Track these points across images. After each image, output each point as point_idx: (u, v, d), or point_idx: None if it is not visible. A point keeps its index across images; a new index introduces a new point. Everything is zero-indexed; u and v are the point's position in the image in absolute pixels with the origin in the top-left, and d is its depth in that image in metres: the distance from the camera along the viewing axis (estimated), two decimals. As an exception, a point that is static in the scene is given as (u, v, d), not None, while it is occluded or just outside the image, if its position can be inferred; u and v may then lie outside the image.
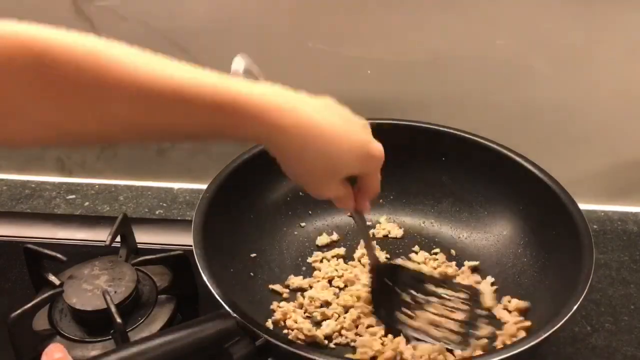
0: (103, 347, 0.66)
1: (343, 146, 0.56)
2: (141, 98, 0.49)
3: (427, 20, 0.84)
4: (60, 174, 1.01)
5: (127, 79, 0.49)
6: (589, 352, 0.73)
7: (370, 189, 0.63)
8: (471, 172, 0.81)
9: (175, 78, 0.50)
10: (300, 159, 0.56)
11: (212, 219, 0.71)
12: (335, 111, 0.58)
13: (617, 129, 0.88)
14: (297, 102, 0.54)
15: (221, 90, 0.51)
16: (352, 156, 0.57)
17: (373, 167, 0.60)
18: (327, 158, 0.56)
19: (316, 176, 0.58)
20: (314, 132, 0.54)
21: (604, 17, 0.81)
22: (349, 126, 0.57)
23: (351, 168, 0.58)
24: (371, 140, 0.59)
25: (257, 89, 0.53)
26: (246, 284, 0.74)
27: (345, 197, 0.62)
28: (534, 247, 0.75)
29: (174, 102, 0.50)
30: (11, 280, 0.80)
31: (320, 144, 0.54)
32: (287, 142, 0.54)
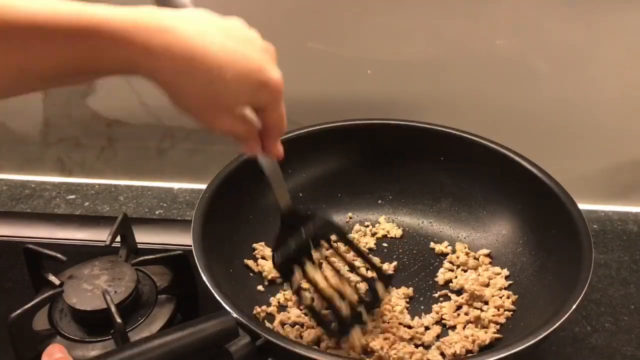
0: (103, 347, 0.66)
1: (229, 71, 0.49)
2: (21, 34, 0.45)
3: (427, 20, 0.84)
4: (60, 174, 1.01)
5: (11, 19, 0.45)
6: (589, 352, 0.73)
7: (272, 125, 0.55)
8: (470, 172, 0.81)
9: (31, 8, 0.45)
10: (176, 88, 0.49)
11: (212, 219, 0.71)
12: (231, 32, 0.51)
13: (617, 129, 0.88)
14: (175, 21, 0.48)
15: (80, 14, 0.46)
16: (241, 84, 0.50)
17: (270, 98, 0.53)
18: (209, 86, 0.49)
19: (201, 107, 0.51)
20: (190, 56, 0.47)
21: (604, 17, 0.81)
22: (241, 49, 0.50)
23: (241, 98, 0.51)
24: (267, 66, 0.52)
25: (123, 10, 0.47)
26: (246, 284, 0.74)
27: (246, 136, 0.55)
28: (533, 246, 0.75)
29: (31, 34, 0.46)
30: (11, 280, 0.80)
31: (199, 70, 0.48)
32: (159, 68, 0.48)
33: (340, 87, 0.90)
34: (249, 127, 0.54)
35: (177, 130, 0.95)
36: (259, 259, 0.77)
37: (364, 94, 0.90)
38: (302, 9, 0.84)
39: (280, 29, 0.86)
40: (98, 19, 0.46)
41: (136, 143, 0.97)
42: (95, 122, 0.95)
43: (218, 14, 0.83)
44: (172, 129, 0.95)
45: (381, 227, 0.83)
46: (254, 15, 0.85)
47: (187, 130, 0.95)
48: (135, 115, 0.94)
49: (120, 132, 0.96)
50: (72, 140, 0.98)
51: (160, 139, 0.96)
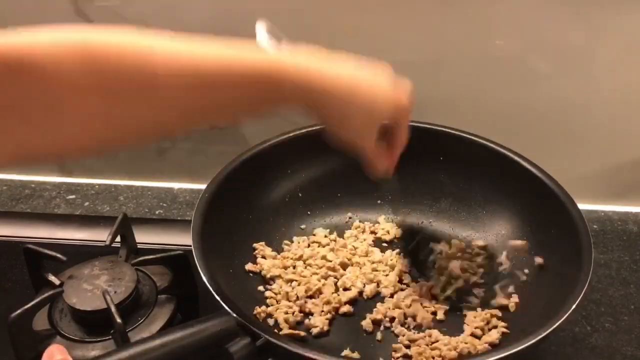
0: (103, 347, 0.66)
1: (379, 97, 0.61)
2: (188, 83, 0.52)
3: (427, 20, 0.84)
4: (60, 174, 1.01)
5: (173, 67, 0.51)
6: (589, 352, 0.73)
7: (400, 139, 0.66)
8: (470, 172, 0.81)
9: (219, 58, 0.53)
10: (343, 115, 0.60)
11: (211, 219, 0.71)
12: (361, 64, 0.61)
13: (617, 129, 0.88)
14: (334, 64, 0.59)
15: (263, 63, 0.55)
16: (386, 105, 0.61)
17: (404, 115, 0.64)
18: (367, 109, 0.60)
19: (358, 128, 0.62)
20: (354, 91, 0.59)
21: (604, 17, 0.81)
22: (378, 77, 0.61)
23: (388, 116, 0.63)
24: (399, 87, 0.63)
25: (294, 57, 0.58)
26: (246, 284, 0.74)
27: (378, 151, 0.65)
28: (533, 246, 0.75)
29: (221, 82, 0.53)
30: (11, 280, 0.80)
31: (359, 98, 0.59)
32: (329, 101, 0.58)
33: (340, 87, 0.90)
34: (381, 147, 0.66)
35: (177, 130, 0.95)
36: (259, 257, 0.77)
37: (364, 94, 0.90)
38: (302, 9, 0.84)
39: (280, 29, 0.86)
40: (281, 65, 0.56)
41: (136, 143, 0.97)
42: (95, 122, 0.95)
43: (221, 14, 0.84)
44: (172, 129, 0.95)
45: (381, 227, 0.83)
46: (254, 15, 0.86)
47: (187, 130, 0.95)
48: (135, 115, 0.94)
49: (120, 132, 0.96)
50: (72, 140, 0.98)
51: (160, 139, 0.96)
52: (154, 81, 0.51)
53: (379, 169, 0.67)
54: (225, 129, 0.94)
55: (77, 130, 0.50)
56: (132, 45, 0.51)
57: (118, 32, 0.51)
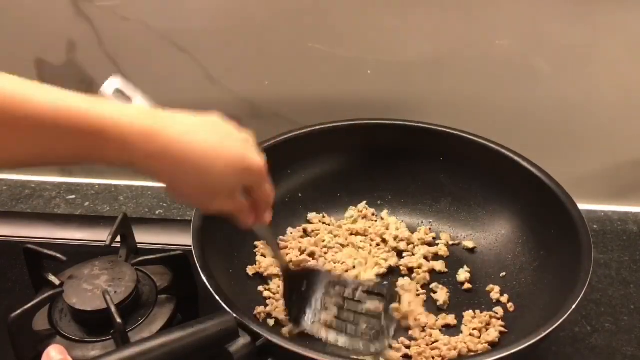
0: (103, 347, 0.66)
1: (217, 164, 0.56)
2: (10, 123, 0.50)
3: (427, 20, 0.84)
4: (60, 174, 1.01)
5: (5, 107, 0.49)
6: (589, 352, 0.73)
7: (260, 202, 0.62)
8: (469, 172, 0.82)
9: (34, 101, 0.50)
10: (173, 183, 0.56)
11: (211, 219, 0.70)
12: (213, 128, 0.57)
13: (617, 129, 0.88)
14: (167, 123, 0.54)
15: (91, 115, 0.51)
16: (229, 172, 0.57)
17: (255, 179, 0.60)
18: (201, 179, 0.56)
19: (195, 197, 0.59)
20: (182, 156, 0.54)
21: (604, 17, 0.81)
22: (224, 142, 0.57)
23: (230, 184, 0.58)
24: (249, 153, 0.58)
25: (125, 114, 0.53)
26: (246, 284, 0.74)
27: (240, 211, 0.62)
28: (533, 246, 0.76)
29: (34, 127, 0.50)
30: (11, 280, 0.80)
31: (190, 167, 0.54)
32: (155, 168, 0.54)
33: (340, 87, 0.90)
34: (241, 205, 0.61)
35: (177, 130, 0.95)
36: (258, 255, 0.77)
37: (364, 94, 0.90)
38: (302, 9, 0.84)
39: (280, 29, 0.86)
40: (105, 121, 0.51)
41: (136, 143, 0.97)
42: (95, 122, 0.95)
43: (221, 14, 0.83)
44: (172, 129, 0.95)
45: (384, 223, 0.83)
46: (254, 15, 0.86)
47: (187, 130, 0.95)
48: (135, 115, 0.94)
49: (120, 132, 0.96)
50: (72, 140, 0.97)
51: (160, 139, 0.96)
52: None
53: (246, 224, 0.63)
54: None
55: None
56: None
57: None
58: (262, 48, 0.87)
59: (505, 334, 0.69)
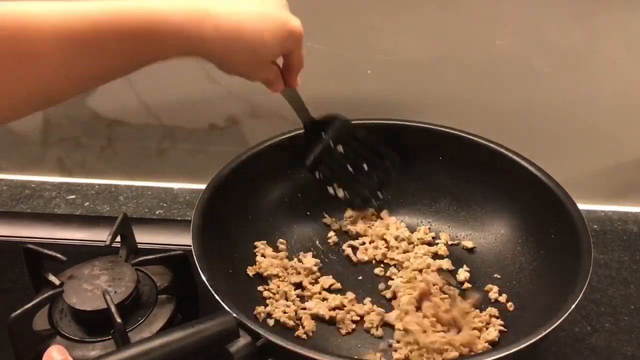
0: (103, 347, 0.66)
1: (265, 36, 0.61)
2: (67, 45, 0.51)
3: (427, 20, 0.84)
4: (60, 174, 1.01)
5: (46, 28, 0.50)
6: (589, 352, 0.73)
7: (296, 65, 0.68)
8: (469, 171, 0.82)
9: (90, 14, 0.52)
10: (227, 60, 0.61)
11: (211, 219, 0.71)
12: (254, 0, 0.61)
13: (617, 129, 0.88)
14: (217, 6, 0.58)
15: (138, 14, 0.54)
16: (275, 41, 0.62)
17: (295, 44, 0.65)
18: (251, 51, 0.61)
19: (245, 68, 0.63)
20: (234, 34, 0.59)
21: (604, 17, 0.81)
22: (266, 12, 0.61)
23: (274, 50, 0.64)
24: (289, 18, 0.63)
25: (175, 6, 0.56)
26: (246, 284, 0.74)
27: (275, 79, 0.68)
28: (532, 245, 0.76)
29: (97, 38, 0.52)
30: (11, 280, 0.80)
31: (242, 42, 0.59)
32: (210, 49, 0.59)
33: (340, 87, 0.90)
34: (277, 72, 0.68)
35: (177, 130, 0.95)
36: (258, 256, 0.77)
37: (364, 94, 0.90)
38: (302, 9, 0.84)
39: (280, 29, 0.86)
40: (157, 17, 0.55)
41: (136, 143, 0.97)
42: (95, 122, 0.95)
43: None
44: (172, 129, 0.95)
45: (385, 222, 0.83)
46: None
47: (187, 130, 0.95)
48: (135, 115, 0.94)
49: (120, 132, 0.96)
50: (72, 140, 0.98)
51: (160, 139, 0.96)
52: (30, 48, 0.50)
53: (277, 89, 0.69)
54: (226, 129, 0.94)
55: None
56: (6, 14, 0.50)
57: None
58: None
59: (504, 334, 0.69)
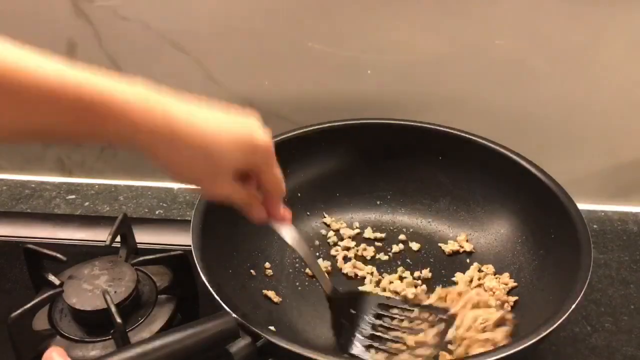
0: (103, 347, 0.66)
1: (222, 139, 0.53)
2: (9, 92, 0.47)
3: (427, 20, 0.84)
4: (60, 174, 1.01)
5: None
6: (589, 352, 0.73)
7: (271, 188, 0.60)
8: (467, 171, 0.82)
9: (39, 71, 0.48)
10: (176, 159, 0.53)
11: (210, 219, 0.70)
12: (217, 107, 0.56)
13: (617, 129, 0.88)
14: (171, 100, 0.53)
15: (86, 86, 0.49)
16: (234, 148, 0.54)
17: (262, 159, 0.57)
18: (204, 154, 0.53)
19: (198, 175, 0.56)
20: (186, 131, 0.52)
21: (604, 17, 0.81)
22: (230, 119, 0.55)
23: (235, 162, 0.55)
24: (256, 131, 0.56)
25: (123, 86, 0.50)
26: (246, 284, 0.74)
27: (245, 199, 0.59)
28: (532, 245, 0.76)
29: (37, 97, 0.48)
30: (11, 280, 0.80)
31: (195, 140, 0.52)
32: (156, 142, 0.52)
33: (340, 87, 0.90)
34: (247, 192, 0.59)
35: (177, 130, 0.95)
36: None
37: (364, 94, 0.90)
38: (302, 9, 0.84)
39: (280, 29, 0.86)
40: (103, 91, 0.49)
41: (136, 143, 0.96)
42: (95, 122, 0.95)
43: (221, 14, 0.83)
44: (172, 129, 0.95)
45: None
46: (254, 15, 0.86)
47: (187, 130, 0.95)
48: (135, 115, 0.94)
49: (120, 132, 0.96)
50: (72, 140, 0.98)
51: (160, 139, 0.96)
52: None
53: (255, 217, 0.61)
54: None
55: None
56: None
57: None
58: (262, 48, 0.87)
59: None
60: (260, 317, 0.71)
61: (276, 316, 0.72)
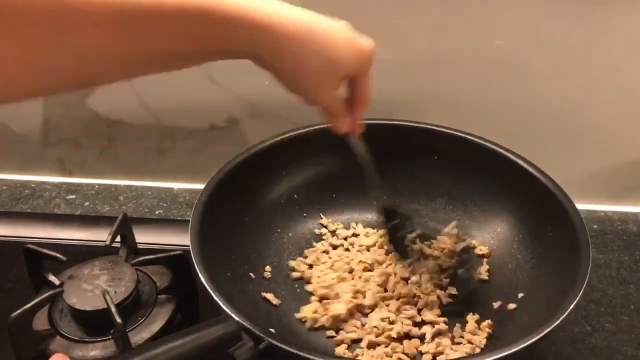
0: (103, 347, 0.66)
1: (339, 42, 0.56)
2: (116, 20, 0.46)
3: (427, 20, 0.84)
4: (60, 174, 1.01)
5: (97, 4, 0.45)
6: (589, 352, 0.73)
7: (365, 95, 0.62)
8: (464, 171, 0.82)
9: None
10: (297, 61, 0.54)
11: (209, 220, 0.70)
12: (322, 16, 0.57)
13: (617, 129, 0.88)
14: (288, 9, 0.54)
15: (218, 2, 0.49)
16: (350, 52, 0.57)
17: (365, 66, 0.60)
18: (326, 56, 0.55)
19: (314, 78, 0.56)
20: (308, 31, 0.53)
21: (604, 17, 0.81)
22: (339, 27, 0.57)
23: (349, 66, 0.58)
24: (360, 38, 0.59)
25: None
26: (246, 286, 0.73)
27: (338, 111, 0.61)
28: (529, 243, 0.76)
29: (154, 19, 0.47)
30: (11, 280, 0.80)
31: (316, 42, 0.54)
32: (282, 44, 0.52)
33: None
34: (342, 104, 0.62)
35: (177, 130, 0.95)
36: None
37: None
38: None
39: (280, 29, 0.86)
40: (233, 6, 0.49)
41: (136, 143, 0.97)
42: (95, 122, 0.95)
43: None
44: (172, 129, 0.95)
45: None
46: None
47: (187, 130, 0.95)
48: (135, 115, 0.94)
49: (120, 132, 0.96)
50: (72, 140, 0.98)
51: (160, 139, 0.96)
52: (76, 22, 0.45)
53: (340, 127, 0.63)
54: (226, 129, 0.94)
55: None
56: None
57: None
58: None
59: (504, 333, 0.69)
60: (260, 319, 0.70)
61: (275, 318, 0.72)
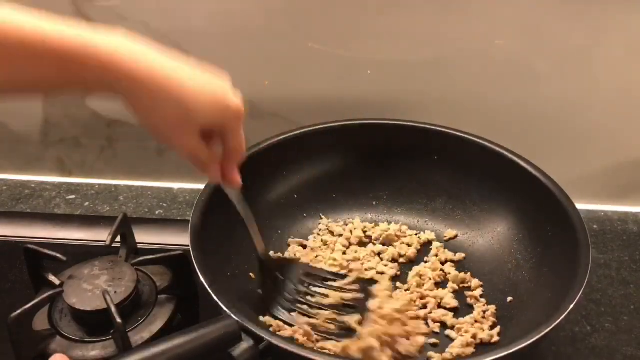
0: (103, 347, 0.66)
1: (198, 94, 0.56)
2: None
3: (427, 20, 0.84)
4: (60, 174, 1.01)
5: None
6: (589, 352, 0.73)
7: (233, 149, 0.62)
8: (464, 170, 0.82)
9: (21, 25, 0.50)
10: (152, 107, 0.55)
11: (209, 220, 0.70)
12: (192, 64, 0.58)
13: (617, 129, 0.88)
14: (150, 49, 0.55)
15: (69, 37, 0.51)
16: (208, 105, 0.57)
17: (232, 120, 0.59)
18: (181, 105, 0.55)
19: (169, 125, 0.57)
20: (167, 80, 0.54)
21: (604, 17, 0.81)
22: (206, 77, 0.58)
23: (207, 118, 0.58)
24: (230, 93, 0.59)
25: (108, 37, 0.53)
26: (246, 286, 0.73)
27: (203, 156, 0.60)
28: (529, 243, 0.76)
29: (18, 51, 0.50)
30: (11, 280, 0.80)
31: (173, 91, 0.55)
32: (138, 89, 0.54)
33: (340, 87, 0.90)
34: (210, 152, 0.61)
35: (177, 130, 0.95)
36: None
37: (364, 94, 0.90)
38: (302, 9, 0.84)
39: (280, 29, 0.86)
40: (89, 42, 0.52)
41: (136, 143, 0.97)
42: (95, 122, 0.95)
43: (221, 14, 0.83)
44: (172, 129, 0.95)
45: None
46: (254, 15, 0.86)
47: (187, 130, 0.95)
48: (135, 115, 0.94)
49: (120, 132, 0.96)
50: (72, 140, 0.98)
51: (160, 139, 0.96)
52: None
53: (211, 176, 0.64)
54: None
55: None
56: None
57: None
58: (262, 48, 0.87)
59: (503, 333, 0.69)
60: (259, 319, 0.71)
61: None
